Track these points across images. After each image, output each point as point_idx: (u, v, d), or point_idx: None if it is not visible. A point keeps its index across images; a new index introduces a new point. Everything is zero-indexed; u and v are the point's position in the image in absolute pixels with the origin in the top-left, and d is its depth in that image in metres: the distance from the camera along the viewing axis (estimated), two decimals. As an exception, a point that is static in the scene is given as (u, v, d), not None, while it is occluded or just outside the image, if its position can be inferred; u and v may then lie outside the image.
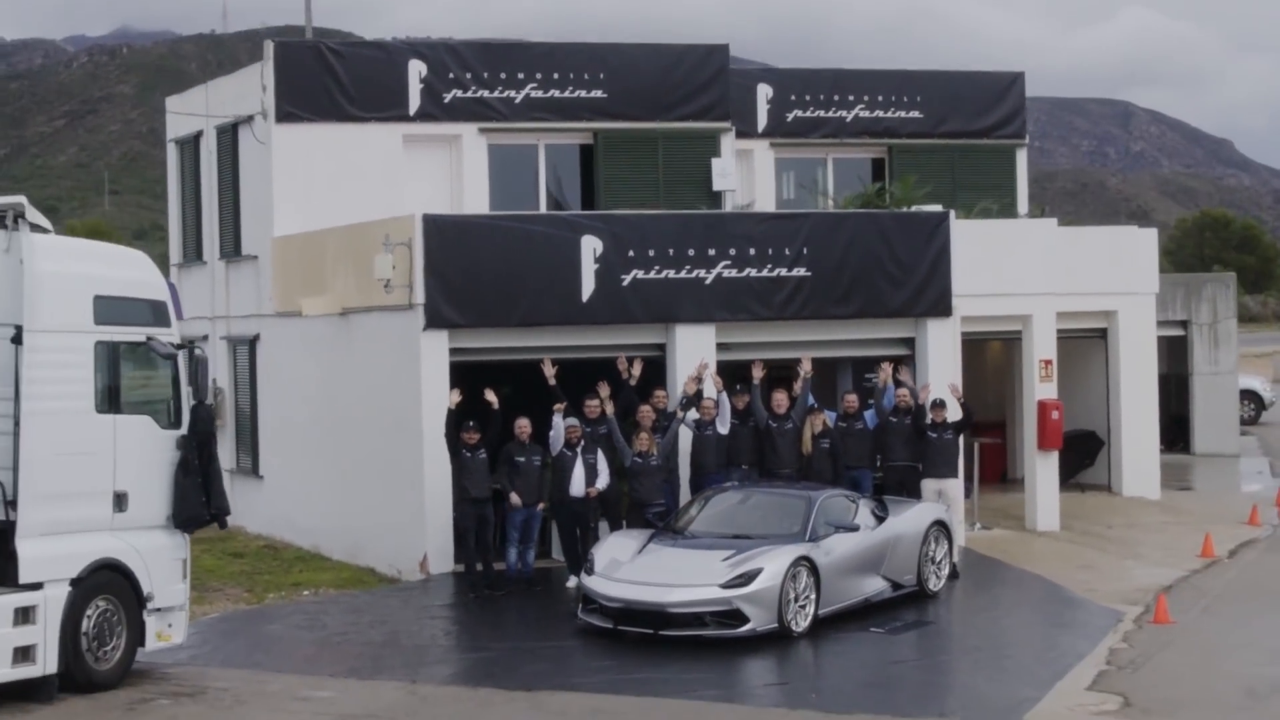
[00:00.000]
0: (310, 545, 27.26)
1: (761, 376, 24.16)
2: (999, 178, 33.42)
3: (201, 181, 31.32)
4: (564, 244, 24.04)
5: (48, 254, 18.02)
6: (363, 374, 25.36)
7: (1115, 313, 31.49)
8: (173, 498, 18.90)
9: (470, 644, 21.04)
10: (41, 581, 17.68)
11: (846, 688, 19.04)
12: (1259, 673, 19.45)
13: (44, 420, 17.71)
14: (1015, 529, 28.66)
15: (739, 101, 31.72)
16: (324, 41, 29.47)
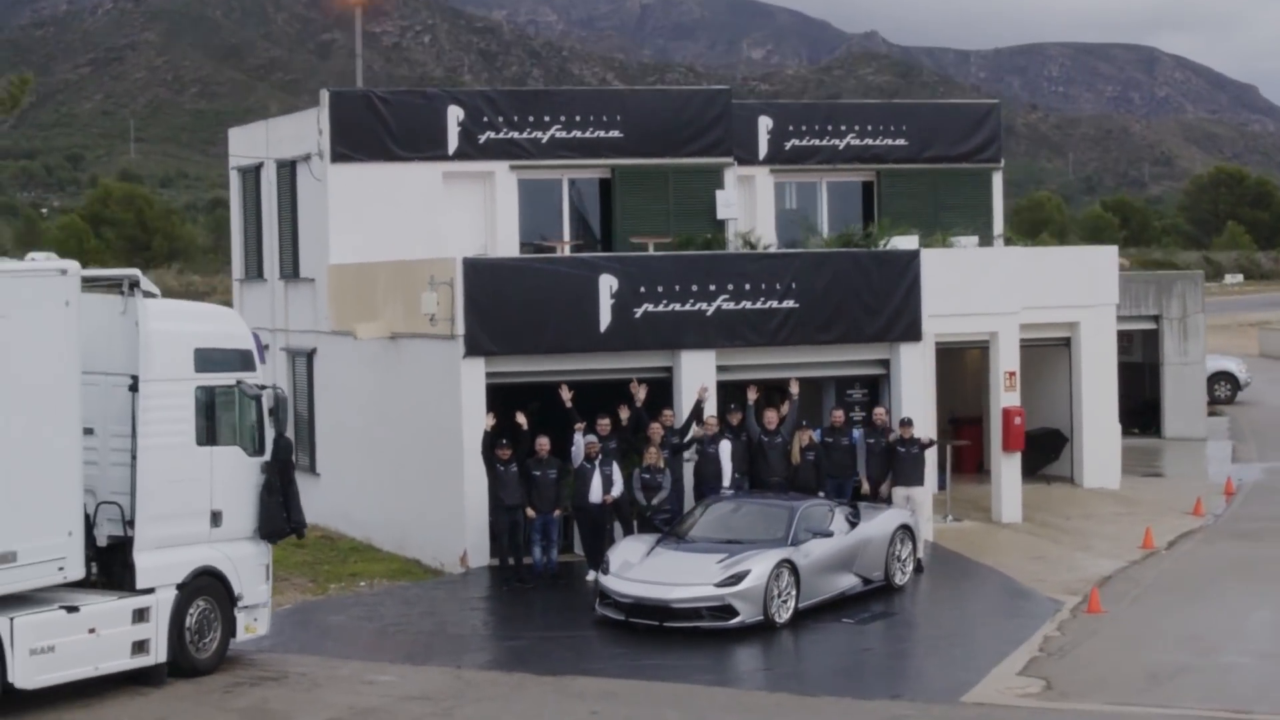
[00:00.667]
0: (363, 536, 31.13)
1: (755, 398, 27.99)
2: (977, 199, 37.04)
3: (262, 208, 35.12)
4: (584, 282, 27.82)
5: (156, 315, 21.86)
6: (410, 391, 29.19)
7: (1078, 323, 35.24)
8: (258, 514, 22.78)
9: (505, 633, 24.93)
10: (154, 587, 21.56)
11: (817, 673, 22.92)
12: (1164, 659, 23.20)
13: (155, 454, 21.57)
14: (983, 520, 32.47)
15: (742, 132, 35.41)
16: (373, 90, 33.24)
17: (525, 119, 32.89)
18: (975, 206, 36.90)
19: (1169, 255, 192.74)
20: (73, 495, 20.75)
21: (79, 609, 20.71)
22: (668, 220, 33.26)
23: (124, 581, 21.52)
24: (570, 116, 33.07)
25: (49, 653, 20.29)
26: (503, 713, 20.51)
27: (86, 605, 20.82)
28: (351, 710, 20.56)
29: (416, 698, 21.14)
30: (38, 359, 20.28)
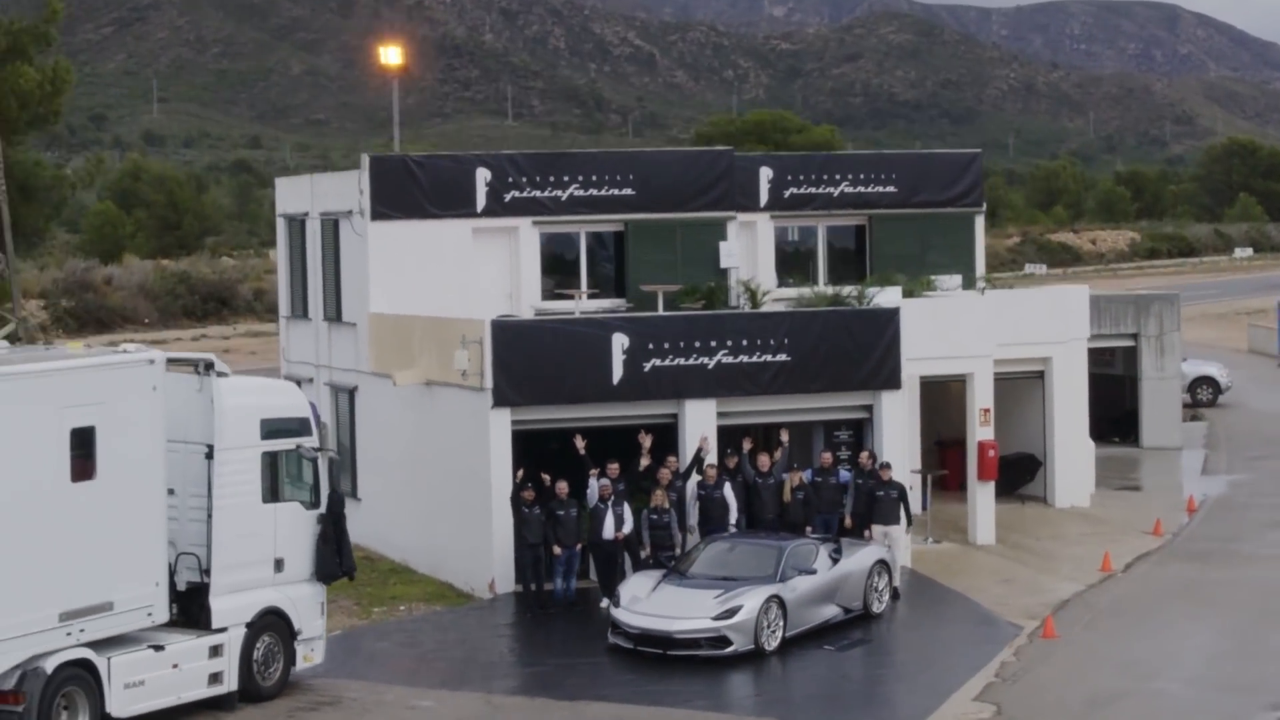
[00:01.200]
0: (400, 558, 34.69)
1: (749, 447, 31.50)
2: (960, 240, 40.43)
3: (307, 253, 38.61)
4: (599, 340, 31.29)
5: (228, 392, 25.36)
6: (443, 433, 32.70)
7: (1050, 357, 38.68)
8: (315, 560, 26.31)
9: (529, 659, 28.46)
10: (226, 626, 25.10)
11: (799, 699, 26.44)
12: (1105, 685, 26.65)
13: (228, 512, 25.10)
14: (960, 542, 35.94)
15: (744, 181, 38.85)
16: (409, 155, 36.71)
17: (546, 179, 36.31)
18: (959, 247, 40.25)
19: (1180, 228, 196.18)
20: (159, 551, 24.29)
21: (164, 648, 24.25)
22: (676, 269, 36.69)
23: (201, 621, 25.03)
24: (587, 176, 36.48)
25: (139, 686, 23.84)
26: (530, 740, 24.07)
27: (171, 644, 24.36)
28: (400, 737, 24.12)
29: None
30: (131, 435, 23.79)
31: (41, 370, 23.02)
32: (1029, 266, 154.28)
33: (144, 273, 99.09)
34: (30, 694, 22.43)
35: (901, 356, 32.78)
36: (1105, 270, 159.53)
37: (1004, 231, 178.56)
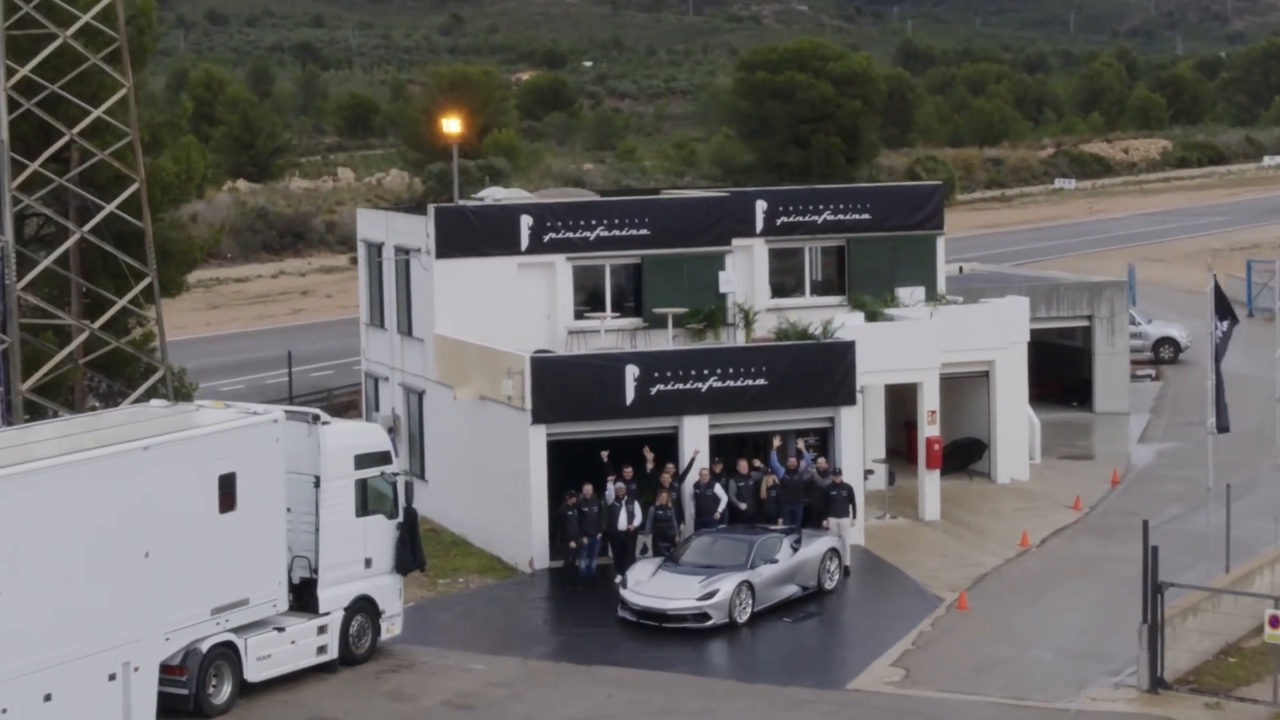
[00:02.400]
0: (459, 531, 43.26)
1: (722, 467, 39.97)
2: (924, 258, 48.42)
3: (383, 275, 47.08)
4: (615, 370, 39.64)
5: (330, 436, 33.87)
6: (493, 437, 41.18)
7: (994, 360, 46.95)
8: (395, 557, 34.87)
9: (557, 629, 37.03)
10: (330, 610, 33.77)
11: (759, 664, 34.86)
12: (992, 652, 35.03)
13: (330, 526, 33.67)
14: (912, 518, 44.35)
15: (742, 212, 47.06)
16: (466, 205, 45.01)
17: (578, 223, 44.58)
18: (923, 264, 48.37)
19: (1212, 135, 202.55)
20: (280, 558, 32.89)
21: (285, 629, 32.89)
22: (683, 294, 44.90)
23: (311, 607, 33.62)
24: (610, 219, 44.71)
25: (267, 658, 32.49)
26: (551, 695, 32.63)
27: (289, 626, 33.00)
28: (457, 694, 32.69)
29: (497, 684, 33.27)
30: (260, 476, 32.33)
31: (200, 435, 31.55)
32: (1059, 181, 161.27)
33: (225, 208, 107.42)
34: (191, 668, 31.08)
35: (856, 380, 41.03)
36: (1132, 183, 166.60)
37: (1038, 143, 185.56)
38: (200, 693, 30.95)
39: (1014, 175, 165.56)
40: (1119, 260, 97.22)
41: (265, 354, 67.40)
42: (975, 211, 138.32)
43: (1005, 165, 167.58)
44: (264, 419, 32.66)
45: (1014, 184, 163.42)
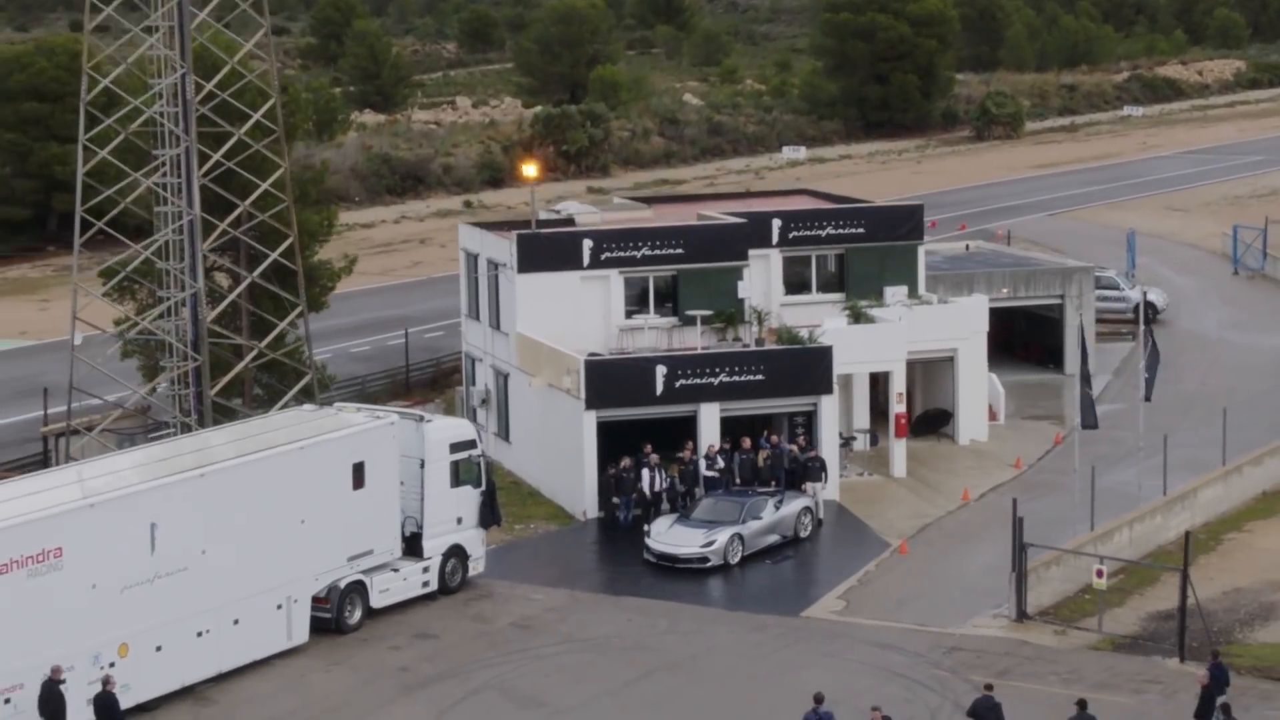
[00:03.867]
0: (534, 484, 56.23)
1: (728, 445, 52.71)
2: (907, 263, 60.48)
3: (478, 279, 60.01)
4: (648, 368, 52.36)
5: (431, 430, 46.88)
6: (557, 415, 54.05)
7: (957, 349, 59.41)
8: (479, 516, 48.04)
9: (599, 567, 50.02)
10: (431, 556, 46.97)
11: (742, 596, 47.66)
12: (914, 588, 47.51)
13: (432, 495, 46.73)
14: (883, 475, 56.99)
15: (761, 228, 59.44)
16: (540, 231, 57.70)
17: (627, 244, 57.14)
18: (906, 268, 60.51)
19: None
20: (395, 520, 45.94)
21: (399, 570, 46.07)
22: (709, 299, 57.34)
23: (417, 553, 46.71)
24: (653, 242, 57.19)
25: (386, 591, 45.66)
26: (588, 619, 45.65)
27: (402, 567, 46.17)
28: (521, 617, 45.77)
29: (549, 609, 46.37)
30: (381, 462, 45.38)
31: (339, 437, 44.62)
32: (1127, 108, 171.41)
33: (354, 156, 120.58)
34: (333, 599, 44.32)
35: (833, 375, 53.60)
36: (1198, 108, 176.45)
37: (1115, 66, 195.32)
38: (339, 616, 44.17)
39: (1087, 101, 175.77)
40: (1144, 210, 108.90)
41: (388, 313, 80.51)
42: (1039, 146, 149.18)
43: (1079, 91, 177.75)
44: (384, 422, 45.74)
45: (1087, 110, 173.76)
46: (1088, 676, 41.27)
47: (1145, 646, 43.19)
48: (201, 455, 42.54)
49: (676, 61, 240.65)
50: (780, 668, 41.89)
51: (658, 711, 39.77)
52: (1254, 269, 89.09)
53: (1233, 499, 53.59)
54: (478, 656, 42.90)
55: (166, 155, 48.49)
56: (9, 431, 59.80)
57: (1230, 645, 42.96)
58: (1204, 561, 49.25)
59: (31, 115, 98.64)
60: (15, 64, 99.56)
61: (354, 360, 71.14)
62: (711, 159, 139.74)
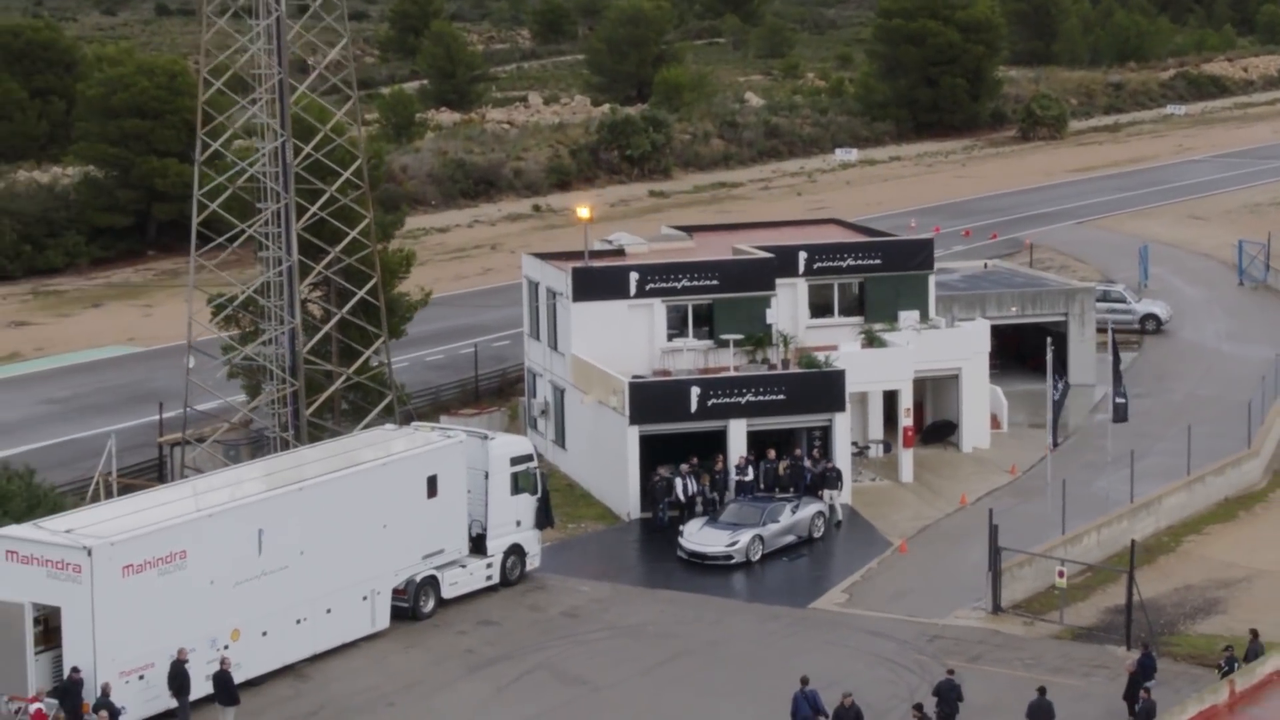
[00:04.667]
0: (586, 486, 63.82)
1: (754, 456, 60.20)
2: (919, 290, 67.65)
3: (538, 303, 67.69)
4: (683, 389, 59.82)
5: (495, 446, 54.54)
6: (606, 428, 61.45)
7: (961, 368, 66.74)
8: (535, 519, 55.73)
9: (638, 563, 57.50)
10: (494, 553, 54.70)
11: (760, 590, 55.12)
12: (909, 584, 54.80)
13: (495, 502, 54.35)
14: (893, 480, 64.38)
15: (788, 259, 66.81)
16: (592, 266, 65.20)
17: (669, 277, 64.56)
18: (918, 295, 67.70)
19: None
20: (462, 523, 53.63)
21: (465, 565, 53.78)
22: (741, 324, 64.65)
23: (482, 551, 54.38)
24: (692, 274, 64.61)
25: (455, 584, 53.41)
26: (626, 609, 53.25)
27: (468, 564, 53.77)
28: (569, 607, 53.36)
29: (594, 601, 53.96)
30: (451, 475, 53.05)
31: (415, 454, 52.35)
32: (1170, 107, 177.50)
33: (431, 161, 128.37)
34: (410, 591, 52.02)
35: (846, 394, 60.99)
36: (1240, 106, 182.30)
37: (1161, 64, 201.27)
38: (415, 606, 51.84)
39: (1133, 99, 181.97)
40: (1166, 218, 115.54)
41: (460, 322, 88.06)
42: (1081, 147, 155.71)
43: (1126, 89, 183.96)
44: (453, 441, 53.41)
45: (1132, 108, 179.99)
46: (1047, 661, 48.42)
47: (1099, 636, 50.33)
48: (299, 471, 50.30)
49: (742, 53, 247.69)
50: (786, 653, 49.25)
51: (680, 689, 47.24)
52: (1258, 280, 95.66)
53: (1195, 505, 60.54)
54: (532, 641, 50.42)
55: (268, 209, 56.25)
56: (126, 436, 67.61)
57: (1173, 636, 50.11)
58: (1162, 561, 56.45)
59: (133, 131, 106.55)
60: (119, 84, 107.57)
61: (429, 369, 78.77)
62: (768, 160, 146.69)
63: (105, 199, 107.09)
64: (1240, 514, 61.22)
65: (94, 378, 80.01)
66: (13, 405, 75.17)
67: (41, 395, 76.95)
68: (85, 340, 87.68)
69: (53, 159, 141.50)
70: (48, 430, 70.77)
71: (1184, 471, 62.01)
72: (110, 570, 43.79)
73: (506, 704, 46.37)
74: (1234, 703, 37.71)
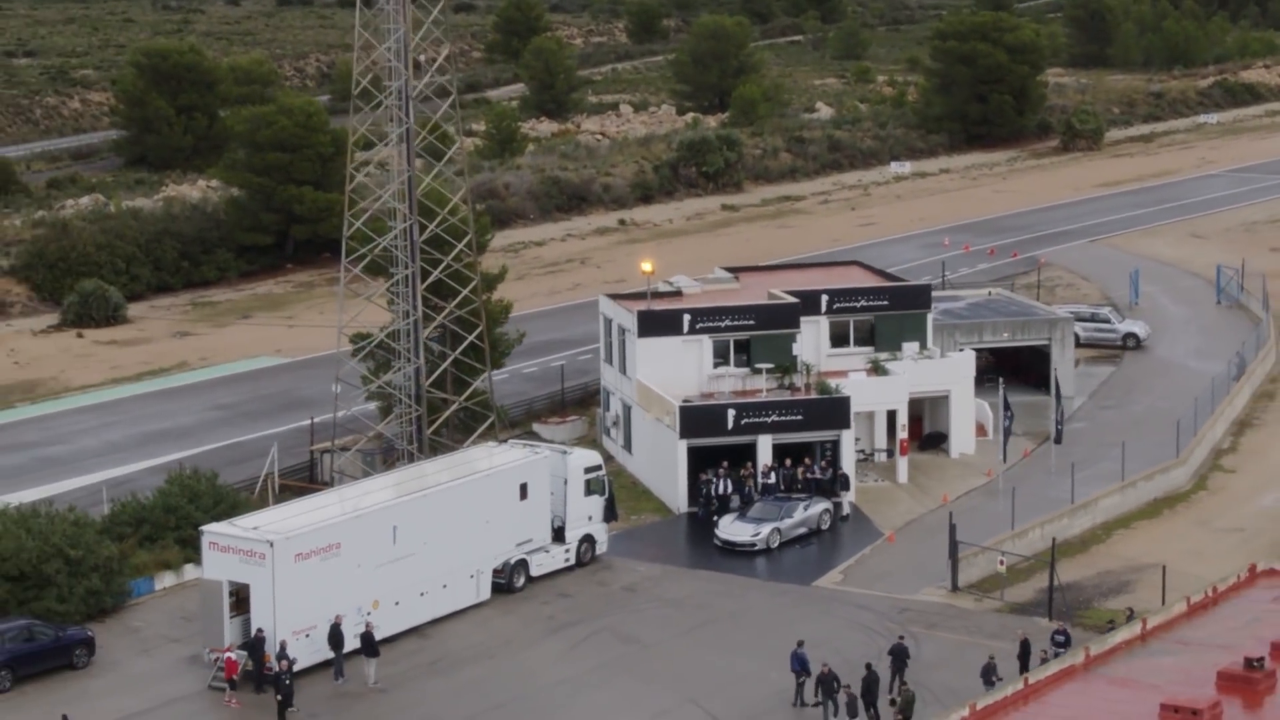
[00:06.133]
0: (647, 485, 78.77)
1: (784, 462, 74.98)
2: (919, 327, 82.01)
3: (611, 338, 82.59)
4: (722, 411, 74.36)
5: (572, 459, 69.40)
6: (662, 440, 76.22)
7: (950, 391, 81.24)
8: (604, 514, 70.59)
9: (685, 548, 72.02)
10: (571, 541, 69.67)
11: (775, 570, 69.57)
12: (891, 568, 69.14)
13: (572, 501, 69.02)
14: (891, 481, 78.98)
15: (811, 301, 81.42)
16: (652, 309, 79.91)
17: (714, 317, 79.24)
18: (918, 330, 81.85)
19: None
20: (546, 518, 68.32)
21: (549, 551, 68.63)
22: (772, 355, 78.99)
23: (561, 539, 69.05)
24: (733, 315, 79.20)
25: (540, 565, 68.16)
26: (672, 585, 67.83)
27: (551, 549, 68.53)
28: (628, 583, 67.90)
29: (647, 578, 68.55)
30: (538, 481, 67.77)
31: (511, 467, 67.34)
32: (1203, 116, 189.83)
33: (530, 179, 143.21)
34: (506, 571, 67.11)
35: (851, 416, 75.63)
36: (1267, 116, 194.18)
37: (1200, 73, 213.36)
38: (510, 582, 66.68)
39: (1171, 109, 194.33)
40: (1170, 236, 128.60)
41: (552, 336, 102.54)
42: (1114, 159, 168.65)
43: (1165, 98, 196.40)
44: (540, 455, 68.37)
45: (1171, 116, 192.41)
46: (986, 629, 62.64)
47: (1029, 610, 64.54)
48: (422, 481, 65.47)
49: (821, 53, 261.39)
50: (791, 620, 63.61)
51: (708, 648, 61.69)
52: (1235, 299, 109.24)
53: (1128, 505, 74.66)
54: (598, 609, 65.20)
55: (399, 274, 71.50)
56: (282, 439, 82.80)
57: (1088, 611, 64.35)
58: (1093, 550, 70.62)
59: (275, 163, 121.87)
60: (263, 122, 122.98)
61: (525, 380, 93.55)
62: (831, 173, 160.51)
63: (250, 220, 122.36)
64: (1164, 512, 74.92)
65: (251, 386, 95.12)
66: (188, 411, 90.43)
67: (210, 401, 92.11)
68: (240, 350, 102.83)
69: (196, 169, 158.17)
70: (218, 434, 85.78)
71: (1124, 476, 75.98)
72: (286, 557, 58.84)
73: (578, 658, 61.03)
74: (1089, 664, 51.78)
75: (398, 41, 69.64)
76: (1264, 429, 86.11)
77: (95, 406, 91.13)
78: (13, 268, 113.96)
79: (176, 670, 59.82)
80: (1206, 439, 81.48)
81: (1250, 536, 71.58)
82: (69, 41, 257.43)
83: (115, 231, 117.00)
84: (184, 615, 63.42)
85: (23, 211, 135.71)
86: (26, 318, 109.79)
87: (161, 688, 58.58)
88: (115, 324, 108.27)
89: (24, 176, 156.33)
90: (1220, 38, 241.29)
